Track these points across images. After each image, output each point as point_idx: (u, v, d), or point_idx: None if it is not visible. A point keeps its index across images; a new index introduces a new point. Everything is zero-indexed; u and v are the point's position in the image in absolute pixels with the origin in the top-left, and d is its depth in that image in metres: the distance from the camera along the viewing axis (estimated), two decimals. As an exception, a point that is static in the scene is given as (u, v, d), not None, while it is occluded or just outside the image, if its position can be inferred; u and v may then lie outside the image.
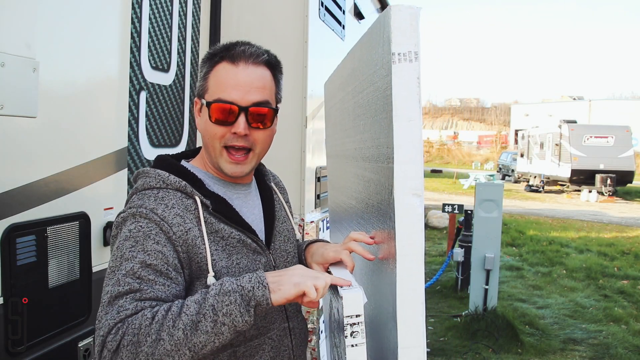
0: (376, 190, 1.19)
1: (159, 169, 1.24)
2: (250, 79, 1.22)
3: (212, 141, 1.24)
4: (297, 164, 2.92)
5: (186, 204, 1.18)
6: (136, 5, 2.10)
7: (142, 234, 1.11)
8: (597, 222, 13.78)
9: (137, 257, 1.09)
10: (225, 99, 1.21)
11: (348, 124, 1.54)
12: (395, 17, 0.98)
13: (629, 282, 7.75)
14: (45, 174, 1.64)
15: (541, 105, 47.48)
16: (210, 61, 1.26)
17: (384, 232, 1.12)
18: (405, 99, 0.99)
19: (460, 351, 4.95)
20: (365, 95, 1.26)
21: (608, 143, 19.94)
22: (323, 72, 3.39)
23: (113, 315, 1.03)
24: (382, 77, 1.07)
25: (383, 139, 1.09)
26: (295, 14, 2.91)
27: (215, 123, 1.22)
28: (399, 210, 1.00)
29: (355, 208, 1.47)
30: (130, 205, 1.18)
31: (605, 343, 5.34)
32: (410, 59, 0.99)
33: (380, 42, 1.06)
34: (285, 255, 1.37)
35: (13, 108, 1.49)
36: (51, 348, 1.68)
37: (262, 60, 1.25)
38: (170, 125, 2.39)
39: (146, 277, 1.08)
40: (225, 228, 1.22)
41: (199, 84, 1.29)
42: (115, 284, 1.07)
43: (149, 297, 1.06)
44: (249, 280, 1.04)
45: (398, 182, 1.00)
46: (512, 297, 6.89)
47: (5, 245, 1.50)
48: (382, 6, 5.39)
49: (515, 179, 26.31)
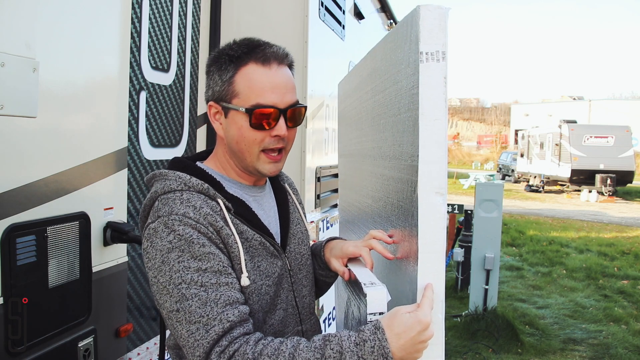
0: (396, 188, 1.19)
1: (177, 171, 1.21)
2: (284, 80, 1.20)
3: (249, 147, 1.20)
4: (297, 164, 2.92)
5: (211, 205, 1.16)
6: (136, 5, 2.10)
7: (184, 241, 1.08)
8: (597, 222, 13.78)
9: (191, 266, 1.06)
10: (265, 103, 1.17)
11: (366, 123, 1.54)
12: (425, 16, 0.99)
13: (629, 282, 7.75)
14: (45, 174, 1.64)
15: (541, 105, 47.50)
16: (233, 63, 1.19)
17: (404, 230, 1.12)
18: (432, 98, 1.00)
19: (460, 351, 4.95)
20: (387, 94, 1.26)
21: (608, 143, 19.94)
22: (323, 72, 3.39)
23: (203, 334, 1.02)
24: (407, 75, 1.07)
25: (406, 137, 1.09)
26: (295, 14, 2.91)
27: (255, 128, 1.18)
28: (423, 209, 1.01)
29: (372, 207, 1.47)
30: (158, 214, 1.13)
31: (605, 343, 5.34)
32: (438, 58, 0.99)
33: (407, 41, 1.07)
34: (300, 258, 1.36)
35: (13, 108, 1.49)
36: (51, 348, 1.67)
37: (288, 60, 1.25)
38: (170, 125, 2.39)
39: (208, 282, 1.06)
40: (248, 230, 1.20)
41: (220, 88, 1.21)
42: (181, 299, 1.05)
43: (223, 301, 1.05)
44: (372, 352, 0.97)
45: (422, 180, 1.01)
46: (512, 297, 6.89)
47: (5, 245, 1.50)
48: (382, 6, 5.38)
49: (515, 179, 26.31)
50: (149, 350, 2.20)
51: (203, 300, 1.04)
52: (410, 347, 0.98)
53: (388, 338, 0.97)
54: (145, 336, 2.23)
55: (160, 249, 1.09)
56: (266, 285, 1.21)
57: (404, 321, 0.99)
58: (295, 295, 1.31)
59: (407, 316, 0.99)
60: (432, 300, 1.02)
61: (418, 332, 0.98)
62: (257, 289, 1.18)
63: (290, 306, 1.29)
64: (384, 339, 0.97)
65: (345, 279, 1.31)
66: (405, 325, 0.98)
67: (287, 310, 1.27)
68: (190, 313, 1.04)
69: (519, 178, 25.97)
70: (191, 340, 1.03)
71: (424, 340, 0.99)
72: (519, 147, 26.45)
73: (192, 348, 1.03)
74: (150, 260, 1.11)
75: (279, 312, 1.25)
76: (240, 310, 1.07)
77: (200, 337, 1.03)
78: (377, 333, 0.98)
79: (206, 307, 1.04)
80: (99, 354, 1.88)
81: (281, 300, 1.26)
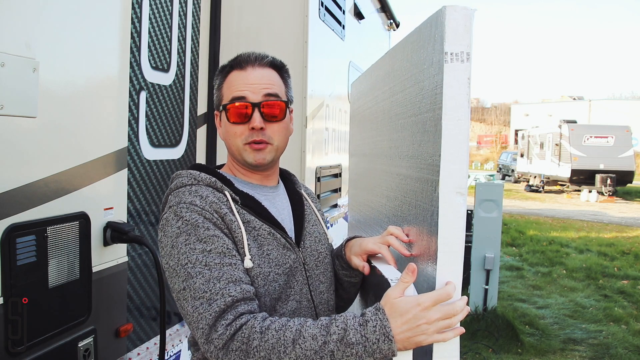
0: (414, 187, 1.19)
1: (191, 170, 1.34)
2: (258, 77, 1.33)
3: (234, 141, 1.33)
4: (297, 164, 2.92)
5: (218, 196, 1.26)
6: (136, 5, 2.10)
7: (190, 226, 1.18)
8: (597, 222, 13.79)
9: (196, 248, 1.15)
10: (237, 96, 1.31)
11: (382, 122, 1.54)
12: (450, 16, 0.99)
13: (629, 282, 7.75)
14: (45, 174, 1.64)
15: (541, 105, 47.50)
16: (221, 74, 1.38)
17: (422, 229, 1.12)
18: (455, 98, 1.00)
19: (461, 351, 4.95)
20: (407, 94, 1.26)
21: (608, 143, 19.94)
22: (323, 72, 3.39)
23: (206, 308, 1.09)
24: (430, 76, 1.07)
25: (427, 137, 1.10)
26: (295, 14, 2.91)
27: (234, 123, 1.32)
28: (443, 208, 1.01)
29: (387, 206, 1.48)
30: (169, 205, 1.26)
31: (605, 343, 5.34)
32: (462, 59, 0.99)
33: (431, 41, 1.07)
34: (317, 255, 1.40)
35: (13, 108, 1.49)
36: (51, 348, 1.67)
37: (267, 62, 1.36)
38: (171, 125, 2.39)
39: (212, 262, 1.14)
40: (255, 220, 1.28)
41: (215, 97, 1.40)
42: (187, 278, 1.13)
43: (226, 279, 1.12)
44: (374, 331, 1.01)
45: (444, 180, 1.01)
46: (512, 297, 6.89)
47: (5, 245, 1.50)
48: (382, 6, 5.38)
49: (515, 179, 26.32)
50: (149, 350, 2.20)
51: (207, 277, 1.11)
52: (414, 327, 1.01)
53: (389, 317, 1.02)
54: (145, 336, 2.23)
55: (170, 235, 1.19)
56: (275, 273, 1.26)
57: (405, 301, 1.03)
58: (311, 290, 1.35)
59: (407, 298, 1.04)
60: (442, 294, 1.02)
61: (419, 311, 1.01)
62: (263, 274, 1.23)
63: (305, 299, 1.33)
64: (384, 318, 1.02)
65: (365, 273, 1.36)
66: (405, 306, 1.02)
67: (301, 302, 1.31)
68: (194, 290, 1.11)
69: (519, 178, 25.97)
70: (195, 315, 1.10)
71: (429, 320, 1.01)
72: (519, 147, 26.45)
73: (196, 322, 1.09)
74: (164, 248, 1.21)
75: (291, 302, 1.29)
76: (243, 288, 1.13)
77: (203, 311, 1.09)
78: (378, 314, 1.04)
79: (209, 283, 1.11)
80: (99, 354, 1.88)
81: (294, 292, 1.30)
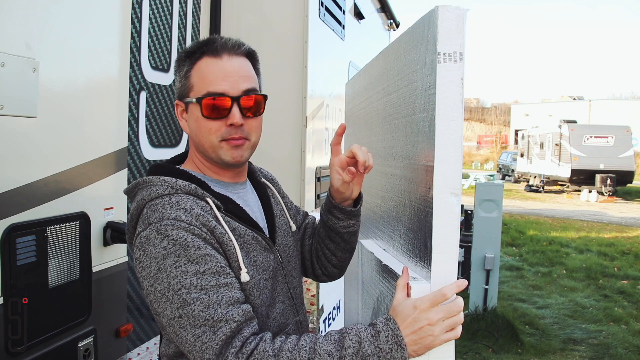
0: (409, 188, 1.19)
1: (161, 176, 1.19)
2: (236, 68, 1.20)
3: (207, 138, 1.20)
4: (297, 164, 2.92)
5: (201, 205, 1.14)
6: (136, 5, 2.10)
7: (178, 246, 1.06)
8: (597, 222, 13.78)
9: (189, 270, 1.04)
10: (215, 91, 1.17)
11: (375, 123, 1.54)
12: (443, 16, 0.99)
13: (629, 282, 7.75)
14: (45, 174, 1.64)
15: (541, 105, 47.48)
16: (189, 59, 1.22)
17: (417, 229, 1.12)
18: (449, 98, 1.00)
19: (461, 351, 4.95)
20: (400, 95, 1.25)
21: (608, 143, 19.94)
22: (323, 72, 3.39)
23: (211, 336, 1.01)
24: (424, 76, 1.07)
25: (421, 137, 1.09)
26: (295, 14, 2.91)
27: (209, 118, 1.18)
28: (437, 209, 1.01)
29: (381, 206, 1.48)
30: (148, 221, 1.10)
31: (605, 343, 5.34)
32: (455, 59, 0.99)
33: (424, 41, 1.06)
34: (287, 250, 1.37)
35: (13, 108, 1.49)
36: (51, 348, 1.68)
37: (243, 50, 1.23)
38: (170, 125, 2.39)
39: (208, 284, 1.04)
40: (240, 226, 1.20)
41: (179, 85, 1.24)
42: (182, 305, 1.03)
43: (226, 302, 1.05)
44: (386, 341, 1.01)
45: (437, 181, 1.01)
46: (512, 297, 6.89)
47: (5, 245, 1.50)
48: (382, 6, 5.38)
49: (515, 179, 26.31)
50: (149, 350, 2.20)
51: (205, 303, 1.03)
52: (417, 329, 1.01)
53: (400, 327, 1.02)
54: (145, 336, 2.23)
55: (155, 257, 1.06)
56: (264, 279, 1.22)
57: (404, 305, 1.04)
58: (289, 287, 1.34)
59: (406, 302, 1.04)
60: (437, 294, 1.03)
61: (418, 314, 1.02)
62: (257, 283, 1.19)
63: (287, 298, 1.31)
64: (395, 327, 1.02)
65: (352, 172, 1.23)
66: (405, 310, 1.03)
67: (284, 302, 1.30)
68: (194, 317, 1.02)
69: (519, 178, 25.96)
70: (198, 344, 1.02)
71: (431, 322, 1.01)
72: (519, 147, 26.44)
73: (200, 352, 1.02)
74: (145, 269, 1.07)
75: (278, 305, 1.27)
76: (243, 309, 1.07)
77: (207, 340, 1.01)
78: (389, 324, 1.03)
79: (209, 309, 1.03)
80: (99, 354, 1.89)
81: (278, 293, 1.28)
